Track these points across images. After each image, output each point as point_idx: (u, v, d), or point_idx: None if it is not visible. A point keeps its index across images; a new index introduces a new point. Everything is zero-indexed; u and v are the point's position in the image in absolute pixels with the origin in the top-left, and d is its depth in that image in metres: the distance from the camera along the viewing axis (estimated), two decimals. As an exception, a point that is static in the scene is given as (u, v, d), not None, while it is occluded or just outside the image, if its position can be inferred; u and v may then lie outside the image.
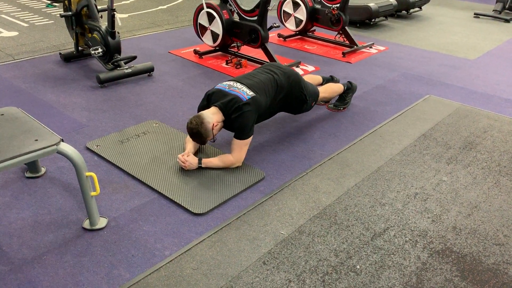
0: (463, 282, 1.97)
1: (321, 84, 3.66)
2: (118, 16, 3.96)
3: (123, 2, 7.12)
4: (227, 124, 2.76)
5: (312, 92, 3.21)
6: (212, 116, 2.66)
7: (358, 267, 2.04)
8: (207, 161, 2.72)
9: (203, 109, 2.77)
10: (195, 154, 2.86)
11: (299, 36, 5.62)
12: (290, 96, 3.05)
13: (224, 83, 2.87)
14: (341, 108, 3.61)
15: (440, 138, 3.21)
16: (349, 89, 3.63)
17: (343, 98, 3.63)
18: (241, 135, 2.70)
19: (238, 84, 2.80)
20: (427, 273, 2.02)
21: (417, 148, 3.06)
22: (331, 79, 3.78)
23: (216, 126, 2.66)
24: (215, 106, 2.72)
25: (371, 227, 2.30)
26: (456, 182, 2.70)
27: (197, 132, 2.62)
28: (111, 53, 3.99)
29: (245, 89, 2.75)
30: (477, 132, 3.31)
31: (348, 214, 2.39)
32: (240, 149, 2.71)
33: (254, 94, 2.73)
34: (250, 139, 2.74)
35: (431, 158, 2.95)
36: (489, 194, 2.60)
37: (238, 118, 2.66)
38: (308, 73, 4.38)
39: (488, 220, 2.38)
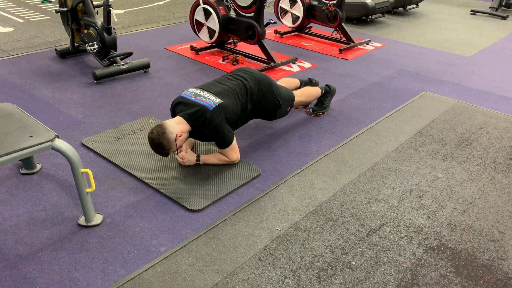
0: (458, 278, 1.98)
1: (299, 88, 3.52)
2: (114, 12, 3.94)
3: (119, -2, 7.09)
4: (198, 136, 2.65)
5: (286, 97, 3.06)
6: (176, 126, 2.49)
7: (353, 263, 2.04)
8: (205, 158, 2.71)
9: None
10: (192, 150, 2.85)
11: (296, 33, 5.62)
12: (262, 101, 2.90)
13: (190, 90, 2.71)
14: (320, 113, 3.45)
15: (436, 134, 3.22)
16: (328, 92, 3.46)
17: (322, 102, 3.47)
18: (223, 145, 2.63)
19: (205, 92, 2.66)
20: (422, 269, 2.03)
21: (413, 145, 3.07)
22: (309, 82, 3.63)
23: (180, 136, 2.48)
24: (180, 115, 2.56)
25: (366, 223, 2.30)
26: (452, 179, 2.71)
27: (158, 144, 2.44)
28: (107, 49, 3.97)
29: (211, 96, 2.61)
30: (472, 129, 3.32)
31: (343, 210, 2.39)
32: (230, 152, 2.68)
33: (221, 101, 2.59)
34: (234, 140, 2.66)
35: (427, 155, 2.95)
36: (484, 191, 2.61)
37: (212, 132, 2.56)
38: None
39: (483, 217, 2.39)
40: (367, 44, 5.29)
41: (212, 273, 1.95)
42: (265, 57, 4.43)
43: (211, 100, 2.59)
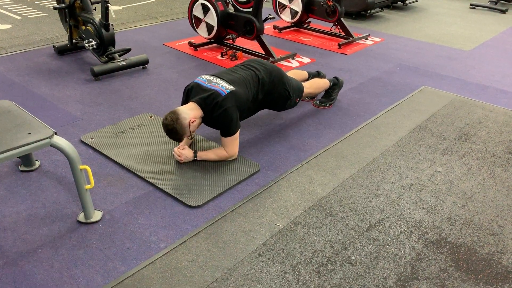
0: (457, 272, 1.99)
1: (307, 80, 3.55)
2: (112, 8, 3.93)
3: (117, -6, 7.06)
4: (207, 120, 2.68)
5: (296, 88, 3.11)
6: (189, 112, 2.55)
7: (353, 258, 2.05)
8: (202, 154, 2.71)
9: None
10: (190, 147, 2.85)
11: (294, 28, 5.60)
12: (273, 92, 2.95)
13: (204, 77, 2.76)
14: (327, 105, 3.50)
15: (435, 129, 3.21)
16: (335, 84, 3.51)
17: (329, 94, 3.52)
18: (227, 132, 2.64)
19: (218, 79, 2.70)
20: (421, 263, 2.03)
21: (412, 140, 3.07)
22: (317, 75, 3.66)
23: (193, 122, 2.54)
24: (193, 101, 2.61)
25: (366, 218, 2.30)
26: (451, 173, 2.71)
27: (172, 129, 2.49)
28: (105, 45, 3.96)
29: (224, 84, 2.66)
30: (472, 123, 3.31)
31: (343, 205, 2.39)
32: (231, 144, 2.68)
33: (234, 88, 2.64)
34: (238, 132, 2.68)
35: (426, 149, 2.95)
36: (483, 185, 2.61)
37: (220, 116, 2.58)
38: (297, 67, 4.36)
39: (482, 211, 2.39)
40: (366, 38, 5.27)
41: (212, 269, 1.96)
42: (264, 53, 4.42)
43: (224, 86, 2.64)
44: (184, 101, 2.75)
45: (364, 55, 4.74)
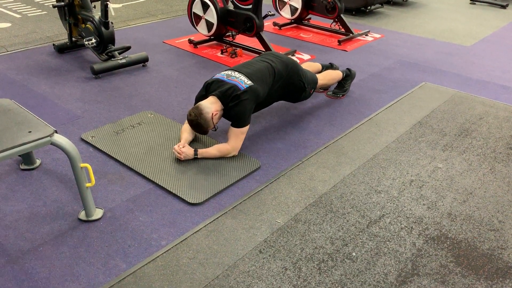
0: (458, 268, 1.99)
1: (320, 72, 3.65)
2: (111, 6, 3.92)
3: (116, -8, 7.05)
4: (225, 112, 2.76)
5: (310, 80, 3.20)
6: (211, 105, 2.66)
7: (354, 254, 2.05)
8: (203, 151, 2.71)
9: (202, 99, 2.77)
10: (191, 144, 2.85)
11: (294, 25, 5.59)
12: (289, 84, 3.05)
13: (222, 72, 2.87)
14: (340, 95, 3.61)
15: (436, 125, 3.21)
16: (348, 76, 3.62)
17: (342, 85, 3.63)
18: (238, 123, 2.70)
19: (236, 73, 2.81)
20: (422, 259, 2.03)
21: (412, 136, 3.07)
22: (330, 66, 3.77)
23: (215, 115, 2.67)
24: (213, 95, 2.72)
25: (366, 214, 2.30)
26: (452, 169, 2.71)
27: (197, 124, 2.64)
28: (105, 43, 3.95)
29: (243, 78, 2.76)
30: (472, 119, 3.31)
31: (343, 202, 2.39)
32: (236, 137, 2.71)
33: (252, 83, 2.73)
34: (247, 127, 2.74)
35: (427, 145, 2.95)
36: (484, 181, 2.61)
37: (236, 106, 2.66)
38: (305, 61, 4.36)
39: (483, 206, 2.39)
40: (366, 35, 5.26)
41: (213, 266, 1.96)
42: (263, 50, 4.41)
43: (243, 81, 2.74)
44: (204, 95, 2.82)
45: (364, 52, 4.73)
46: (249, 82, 2.73)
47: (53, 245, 2.05)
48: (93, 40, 3.91)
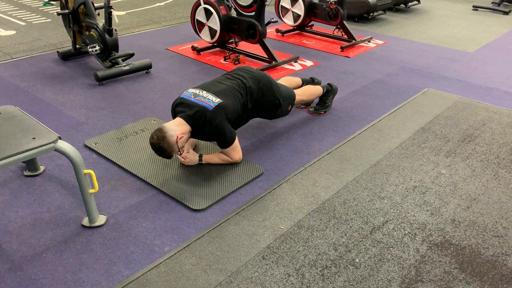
0: (462, 274, 1.98)
1: (301, 87, 3.48)
2: (115, 13, 3.95)
3: (120, 0, 7.10)
4: (199, 136, 2.64)
5: (286, 96, 3.04)
6: (176, 128, 2.49)
7: (357, 260, 2.04)
8: (208, 158, 2.71)
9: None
10: (194, 150, 2.86)
11: (297, 31, 5.61)
12: (263, 100, 2.88)
13: (190, 90, 2.70)
14: (322, 112, 3.43)
15: (439, 131, 3.21)
16: (329, 91, 3.43)
17: (324, 101, 3.45)
18: (224, 145, 2.64)
19: (204, 92, 2.64)
20: (426, 265, 2.02)
21: (415, 142, 3.06)
22: (311, 81, 3.59)
23: (181, 138, 2.48)
24: (180, 117, 2.56)
25: (370, 220, 2.30)
26: (455, 175, 2.70)
27: (160, 148, 2.45)
28: (109, 50, 3.98)
29: (211, 97, 2.60)
30: (475, 125, 3.31)
31: (347, 208, 2.39)
32: (232, 151, 2.68)
33: (221, 100, 2.58)
34: (236, 140, 2.66)
35: (430, 151, 2.95)
36: (488, 187, 2.60)
37: (214, 132, 2.56)
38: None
39: (487, 212, 2.38)
40: (369, 41, 5.28)
41: (216, 272, 1.96)
42: (266, 56, 4.43)
43: (211, 100, 2.58)
44: (173, 117, 2.69)
45: (367, 58, 4.74)
46: (217, 100, 2.57)
47: (57, 251, 2.06)
48: (97, 47, 3.93)
